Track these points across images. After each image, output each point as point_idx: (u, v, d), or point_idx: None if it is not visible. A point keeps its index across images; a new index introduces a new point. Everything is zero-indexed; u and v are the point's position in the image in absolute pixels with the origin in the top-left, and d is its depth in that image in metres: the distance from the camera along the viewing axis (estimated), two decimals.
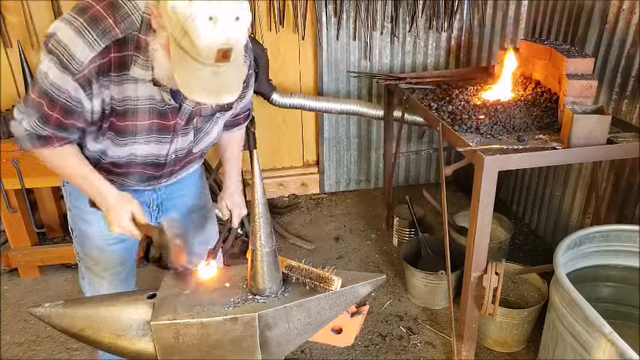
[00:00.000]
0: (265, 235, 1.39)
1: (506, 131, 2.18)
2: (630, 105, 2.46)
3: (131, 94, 1.40)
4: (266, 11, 3.44)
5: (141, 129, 1.48)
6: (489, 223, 2.04)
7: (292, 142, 3.96)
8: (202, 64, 1.24)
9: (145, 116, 1.46)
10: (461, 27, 3.62)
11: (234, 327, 1.36)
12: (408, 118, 3.35)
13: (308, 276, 1.43)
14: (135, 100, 1.42)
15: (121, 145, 1.50)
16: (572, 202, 2.95)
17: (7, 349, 2.55)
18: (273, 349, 1.44)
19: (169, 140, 1.56)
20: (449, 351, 2.49)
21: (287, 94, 3.39)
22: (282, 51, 3.60)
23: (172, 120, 1.51)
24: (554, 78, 2.40)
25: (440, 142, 2.40)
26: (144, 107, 1.44)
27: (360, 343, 2.55)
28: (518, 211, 3.58)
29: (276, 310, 1.38)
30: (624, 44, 2.47)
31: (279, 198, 4.01)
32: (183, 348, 1.36)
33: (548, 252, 3.08)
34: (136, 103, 1.42)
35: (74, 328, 1.39)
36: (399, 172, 4.08)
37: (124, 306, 1.40)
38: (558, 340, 1.82)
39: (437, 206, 2.82)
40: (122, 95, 1.40)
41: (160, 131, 1.52)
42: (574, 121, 1.94)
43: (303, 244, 3.38)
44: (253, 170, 1.39)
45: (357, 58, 3.63)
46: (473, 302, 2.18)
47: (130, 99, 1.41)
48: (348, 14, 3.47)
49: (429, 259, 2.90)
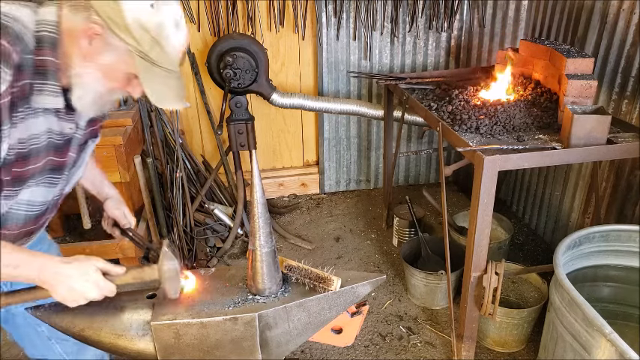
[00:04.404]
0: (264, 235, 1.39)
1: (506, 131, 2.19)
2: (630, 105, 2.46)
3: (35, 131, 1.20)
4: (266, 11, 3.44)
5: (38, 171, 1.27)
6: (489, 223, 2.04)
7: (292, 142, 3.96)
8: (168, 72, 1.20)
9: (43, 155, 1.25)
10: (461, 27, 3.62)
11: (234, 327, 1.36)
12: (408, 118, 3.36)
13: (308, 276, 1.43)
14: (38, 138, 1.21)
15: (12, 197, 1.26)
16: (572, 202, 2.96)
17: (7, 349, 2.55)
18: (273, 349, 1.44)
19: (60, 180, 1.37)
20: (449, 351, 2.49)
21: (287, 94, 3.39)
22: (282, 51, 3.61)
23: (66, 154, 1.33)
24: (554, 78, 2.40)
25: (440, 142, 2.40)
26: (43, 144, 1.24)
27: (360, 343, 2.55)
28: (518, 211, 3.58)
29: (276, 310, 1.39)
30: (624, 44, 2.47)
31: (279, 198, 4.01)
32: (183, 348, 1.37)
33: (548, 252, 3.09)
34: (38, 140, 1.22)
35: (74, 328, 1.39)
36: (399, 172, 4.08)
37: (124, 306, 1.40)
38: (558, 340, 1.82)
39: (437, 206, 2.82)
40: (27, 134, 1.18)
41: (53, 171, 1.32)
42: (574, 121, 1.94)
43: (303, 244, 3.38)
44: (253, 170, 1.39)
45: (357, 58, 3.63)
46: (473, 302, 2.18)
47: (34, 136, 1.20)
48: (348, 14, 3.48)
49: (429, 259, 2.91)
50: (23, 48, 1.12)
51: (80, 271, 1.23)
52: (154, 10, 1.13)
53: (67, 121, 1.28)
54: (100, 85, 1.21)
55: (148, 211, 3.13)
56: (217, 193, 3.52)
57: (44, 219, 1.44)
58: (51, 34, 1.16)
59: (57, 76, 1.18)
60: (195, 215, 3.31)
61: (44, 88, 1.17)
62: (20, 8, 1.16)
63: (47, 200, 1.38)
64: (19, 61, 1.11)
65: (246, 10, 3.38)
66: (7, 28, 1.10)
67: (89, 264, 1.25)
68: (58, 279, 1.21)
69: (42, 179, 1.31)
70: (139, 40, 1.13)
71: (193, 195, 3.39)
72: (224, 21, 3.39)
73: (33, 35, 1.15)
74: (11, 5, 1.16)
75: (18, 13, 1.14)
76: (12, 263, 1.18)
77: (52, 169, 1.32)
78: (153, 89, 1.19)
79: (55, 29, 1.17)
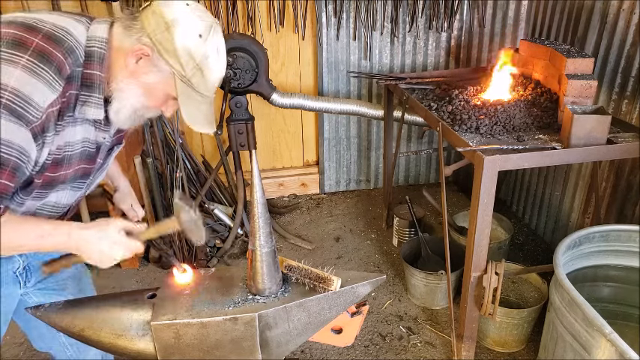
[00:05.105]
0: (264, 235, 1.39)
1: (506, 131, 2.19)
2: (630, 105, 2.46)
3: (70, 139, 1.28)
4: (266, 11, 3.44)
5: (69, 178, 1.34)
6: (489, 223, 2.04)
7: (292, 142, 3.96)
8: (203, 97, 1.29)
9: (76, 162, 1.33)
10: (461, 27, 3.62)
11: (234, 327, 1.36)
12: (408, 118, 3.36)
13: (308, 276, 1.43)
14: (72, 145, 1.29)
15: (41, 198, 1.32)
16: (572, 202, 2.96)
17: (7, 349, 2.55)
18: (273, 349, 1.44)
19: (85, 184, 1.44)
20: (449, 351, 2.49)
21: (287, 94, 3.39)
22: (282, 51, 3.61)
23: (95, 161, 1.41)
24: (554, 78, 2.40)
25: (440, 142, 2.40)
26: (77, 152, 1.32)
27: (360, 343, 2.55)
28: (518, 211, 3.58)
29: (276, 310, 1.39)
30: (624, 44, 2.47)
31: (279, 198, 4.01)
32: (183, 348, 1.37)
33: (548, 252, 3.09)
34: (72, 148, 1.30)
35: (74, 328, 1.39)
36: (399, 172, 4.08)
37: (124, 306, 1.41)
38: (558, 340, 1.82)
39: (437, 206, 2.82)
40: (64, 141, 1.26)
41: (82, 177, 1.40)
42: (574, 121, 1.94)
43: (303, 244, 3.38)
44: (253, 170, 1.39)
45: (357, 58, 3.63)
46: (473, 302, 2.18)
47: (69, 144, 1.28)
48: (348, 14, 3.48)
49: (429, 259, 2.91)
50: (74, 61, 1.20)
51: (105, 233, 1.29)
52: (202, 41, 1.23)
53: (102, 132, 1.37)
54: (138, 101, 1.30)
55: (148, 211, 3.13)
56: (217, 193, 3.52)
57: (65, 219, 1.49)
58: (100, 49, 1.25)
59: (102, 89, 1.26)
60: None
61: (89, 100, 1.25)
62: (76, 24, 1.25)
63: (71, 202, 1.45)
64: (70, 73, 1.19)
65: (246, 10, 3.38)
66: (64, 42, 1.19)
67: (112, 226, 1.30)
68: (86, 244, 1.27)
69: (71, 184, 1.38)
70: (183, 66, 1.23)
71: (193, 195, 3.39)
72: (224, 21, 3.39)
73: (84, 49, 1.23)
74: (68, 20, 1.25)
75: (72, 28, 1.23)
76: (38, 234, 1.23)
77: (82, 175, 1.40)
78: (188, 112, 1.28)
79: (105, 46, 1.25)
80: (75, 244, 1.27)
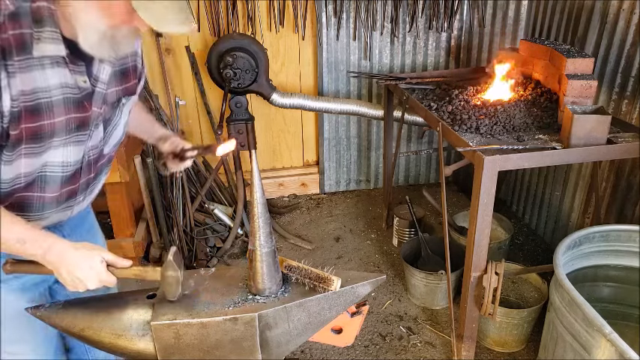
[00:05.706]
0: (264, 235, 1.39)
1: (506, 131, 2.19)
2: (630, 105, 2.46)
3: (41, 84, 1.20)
4: (266, 11, 3.44)
5: (59, 128, 1.26)
6: (489, 223, 2.04)
7: (292, 142, 3.96)
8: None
9: (60, 110, 1.25)
10: (461, 27, 3.62)
11: (234, 327, 1.36)
12: (408, 118, 3.36)
13: (307, 276, 1.43)
14: (47, 92, 1.21)
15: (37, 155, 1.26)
16: (572, 202, 2.96)
17: None
18: (273, 349, 1.44)
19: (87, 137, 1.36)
20: (449, 351, 2.49)
21: (287, 94, 3.39)
22: (282, 51, 3.61)
23: (89, 109, 1.32)
24: (554, 78, 2.40)
25: (440, 142, 2.40)
26: (58, 99, 1.24)
27: (360, 343, 2.55)
28: (518, 211, 3.58)
29: (276, 310, 1.38)
30: (624, 44, 2.47)
31: (279, 198, 4.01)
32: (183, 348, 1.36)
33: (548, 252, 3.09)
34: (48, 94, 1.21)
35: (74, 328, 1.39)
36: (399, 172, 4.08)
37: (124, 306, 1.40)
38: (558, 340, 1.82)
39: (437, 206, 2.82)
40: (31, 86, 1.18)
41: (79, 128, 1.32)
42: (574, 121, 1.94)
43: (303, 244, 3.38)
44: (253, 170, 1.39)
45: (357, 58, 3.63)
46: (473, 302, 2.18)
47: (41, 90, 1.20)
48: (348, 14, 3.48)
49: (429, 259, 2.91)
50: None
51: (85, 259, 1.26)
52: None
53: (78, 74, 1.26)
54: (100, 22, 1.18)
55: (148, 211, 3.13)
56: (217, 193, 3.52)
57: (82, 178, 1.43)
58: None
59: (54, 22, 1.17)
60: (195, 215, 3.31)
61: (42, 35, 1.17)
62: None
63: (79, 158, 1.37)
64: (15, 10, 1.12)
65: (246, 10, 3.38)
66: None
67: (95, 254, 1.27)
68: (62, 262, 1.24)
69: (69, 138, 1.30)
70: None
71: (193, 195, 3.39)
72: (224, 21, 3.39)
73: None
74: None
75: None
76: (21, 239, 1.21)
77: (78, 127, 1.31)
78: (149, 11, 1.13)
79: None
80: (54, 258, 1.24)
